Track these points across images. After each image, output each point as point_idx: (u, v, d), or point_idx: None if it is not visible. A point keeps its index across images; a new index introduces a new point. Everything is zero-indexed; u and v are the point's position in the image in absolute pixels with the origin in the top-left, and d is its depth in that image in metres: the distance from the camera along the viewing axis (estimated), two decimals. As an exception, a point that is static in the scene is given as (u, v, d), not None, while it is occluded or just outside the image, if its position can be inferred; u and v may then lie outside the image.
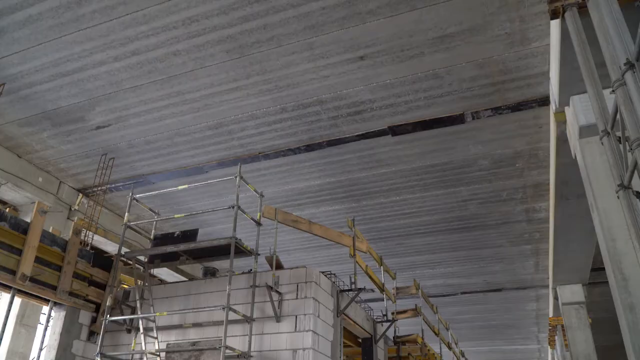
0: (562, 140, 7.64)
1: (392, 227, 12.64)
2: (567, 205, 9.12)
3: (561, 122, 7.38)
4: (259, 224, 7.84)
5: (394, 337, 11.29)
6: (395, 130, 8.92)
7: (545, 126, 8.61)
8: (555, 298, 14.53)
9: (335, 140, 9.27)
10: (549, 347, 19.66)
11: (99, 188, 10.07)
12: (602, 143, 4.06)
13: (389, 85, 7.86)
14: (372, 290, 12.57)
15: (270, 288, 7.36)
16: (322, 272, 8.15)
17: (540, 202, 11.13)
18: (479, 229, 12.54)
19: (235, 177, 7.56)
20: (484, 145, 9.22)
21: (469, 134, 8.93)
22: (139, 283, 8.28)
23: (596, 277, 13.04)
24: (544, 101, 8.01)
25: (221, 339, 6.75)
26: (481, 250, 13.74)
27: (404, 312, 11.55)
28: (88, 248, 8.52)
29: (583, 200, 7.75)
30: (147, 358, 7.61)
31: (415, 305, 11.80)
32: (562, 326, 14.93)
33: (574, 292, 13.95)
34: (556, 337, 16.63)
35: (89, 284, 8.25)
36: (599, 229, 6.04)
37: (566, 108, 7.02)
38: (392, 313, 10.72)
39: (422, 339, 11.39)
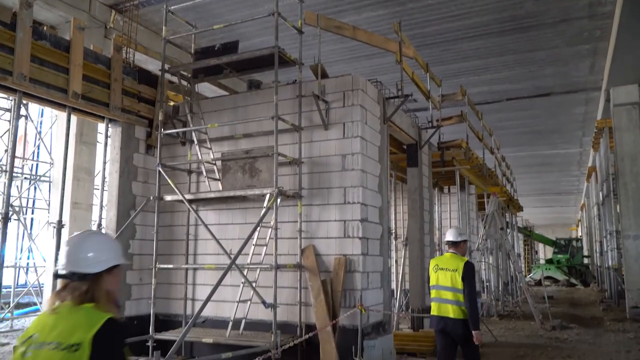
0: None
1: (439, 32, 11.94)
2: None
3: None
4: (300, 31, 7.47)
5: (438, 143, 11.44)
6: None
7: None
8: (607, 100, 14.10)
9: None
10: (592, 150, 19.75)
11: (131, 2, 9.64)
12: None
13: None
14: (415, 100, 12.40)
15: (317, 97, 7.29)
16: (368, 80, 7.97)
17: (606, -7, 10.08)
18: (533, 29, 11.71)
19: (273, -21, 7.00)
20: None
21: None
22: (187, 98, 8.37)
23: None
24: None
25: (272, 147, 6.96)
26: (533, 53, 13.02)
27: (449, 118, 11.49)
28: (131, 65, 8.47)
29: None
30: (204, 167, 8.03)
31: (461, 111, 11.68)
32: (610, 128, 14.77)
33: (628, 93, 13.45)
34: (601, 140, 16.57)
35: (139, 100, 8.39)
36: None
37: None
38: (437, 120, 10.70)
39: (467, 143, 11.50)
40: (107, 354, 1.83)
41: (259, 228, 6.77)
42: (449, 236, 5.34)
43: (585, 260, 31.41)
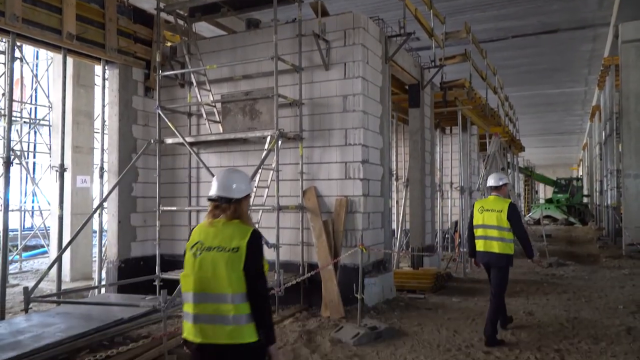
0: None
1: (443, -35, 11.47)
2: None
3: None
4: (299, -34, 7.19)
5: (440, 83, 11.27)
6: None
7: None
8: (615, 36, 13.75)
9: None
10: (597, 88, 19.46)
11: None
12: None
13: None
14: (418, 39, 12.08)
15: (317, 36, 7.13)
16: (370, 18, 7.75)
17: None
18: (541, -38, 11.23)
19: None
20: None
21: None
22: (184, 39, 8.17)
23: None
24: None
25: (273, 88, 6.87)
26: (540, -14, 12.56)
27: (452, 57, 11.25)
28: (125, 4, 8.22)
29: None
30: (203, 109, 7.96)
31: (465, 49, 11.42)
32: (617, 66, 14.49)
33: (637, 29, 13.10)
34: (607, 78, 16.30)
35: (135, 41, 8.20)
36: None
37: None
38: (440, 59, 10.48)
39: (470, 83, 11.32)
40: (256, 253, 2.63)
41: (260, 170, 6.79)
42: (491, 181, 5.94)
43: (585, 200, 31.68)
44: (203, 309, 2.59)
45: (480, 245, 5.71)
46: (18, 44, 9.12)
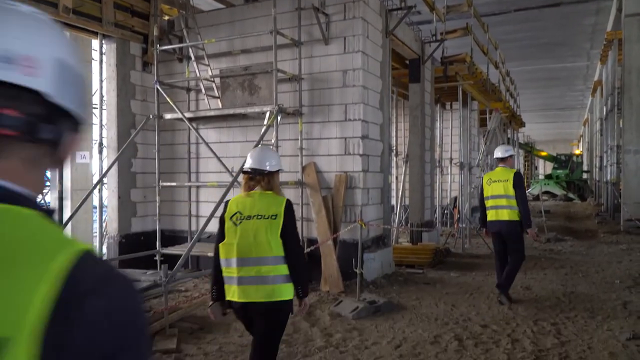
0: None
1: (445, -64, 11.23)
2: None
3: None
4: (299, -63, 7.05)
5: (441, 58, 11.16)
6: None
7: None
8: (619, 10, 13.58)
9: None
10: (599, 63, 19.29)
11: None
12: None
13: None
14: (419, 12, 11.92)
15: (316, 9, 7.03)
16: (370, -10, 7.63)
17: None
18: None
19: None
20: None
21: None
22: (182, 12, 8.06)
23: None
24: None
25: (272, 63, 6.80)
26: (544, -42, 12.33)
27: (454, 31, 11.12)
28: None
29: None
30: (202, 84, 7.89)
31: (467, 23, 11.27)
32: (620, 40, 14.33)
33: (640, 2, 12.90)
34: (610, 52, 16.14)
35: (132, 14, 8.08)
36: None
37: None
38: (441, 33, 10.36)
39: (471, 58, 11.21)
40: (292, 219, 2.98)
41: (260, 146, 6.76)
42: (498, 153, 6.30)
43: (585, 176, 31.68)
44: (247, 272, 2.90)
45: (491, 215, 6.07)
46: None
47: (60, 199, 7.27)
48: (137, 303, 0.68)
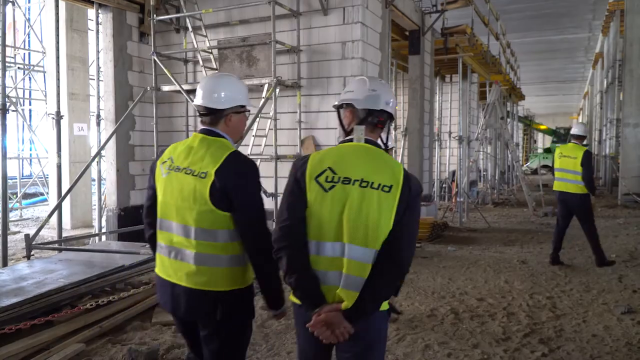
0: None
1: None
2: None
3: None
4: None
5: (441, 29, 11.00)
6: None
7: None
8: (623, -20, 13.34)
9: None
10: (601, 35, 19.06)
11: None
12: None
13: None
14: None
15: (315, -21, 6.88)
16: (371, -41, 7.46)
17: None
18: None
19: None
20: None
21: None
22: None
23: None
24: None
25: (270, 34, 6.70)
26: None
27: (454, 1, 10.92)
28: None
29: None
30: (200, 55, 7.79)
31: (468, -6, 11.07)
32: (622, 11, 14.14)
33: (646, -27, 12.68)
34: (612, 24, 15.95)
35: (127, -17, 7.93)
36: None
37: None
38: (442, 4, 10.19)
39: (471, 29, 11.06)
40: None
41: (258, 119, 6.73)
42: (575, 130, 6.86)
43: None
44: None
45: (559, 186, 6.74)
46: (6, -14, 8.80)
47: (59, 171, 7.23)
48: None
